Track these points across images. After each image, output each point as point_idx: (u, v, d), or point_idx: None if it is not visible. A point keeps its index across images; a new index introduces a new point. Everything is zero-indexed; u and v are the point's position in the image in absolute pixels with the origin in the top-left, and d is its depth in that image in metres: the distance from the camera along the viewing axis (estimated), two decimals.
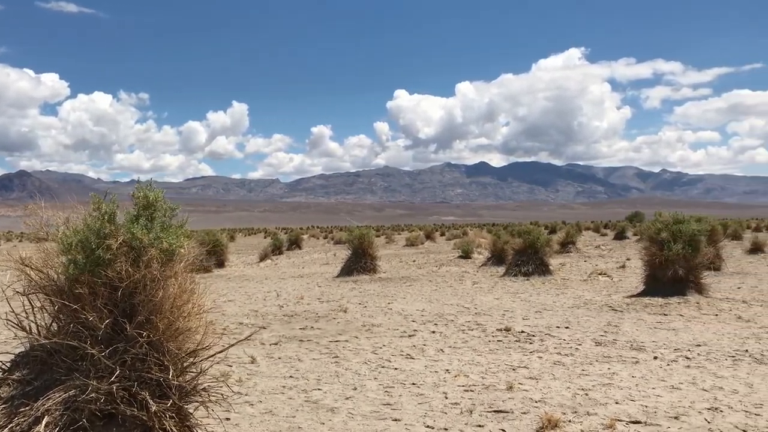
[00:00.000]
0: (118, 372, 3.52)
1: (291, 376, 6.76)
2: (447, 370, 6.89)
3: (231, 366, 7.17)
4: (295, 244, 39.35)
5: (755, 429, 4.84)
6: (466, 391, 6.02)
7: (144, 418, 3.53)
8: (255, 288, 16.29)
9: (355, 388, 6.20)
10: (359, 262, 18.89)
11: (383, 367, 7.12)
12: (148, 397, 3.55)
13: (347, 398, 5.87)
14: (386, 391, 6.07)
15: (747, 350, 7.66)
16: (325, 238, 60.97)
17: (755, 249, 25.11)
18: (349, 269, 18.84)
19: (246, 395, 6.00)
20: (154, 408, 3.54)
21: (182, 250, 3.81)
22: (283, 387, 6.32)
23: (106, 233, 3.72)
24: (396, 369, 7.00)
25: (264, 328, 9.95)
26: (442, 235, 58.90)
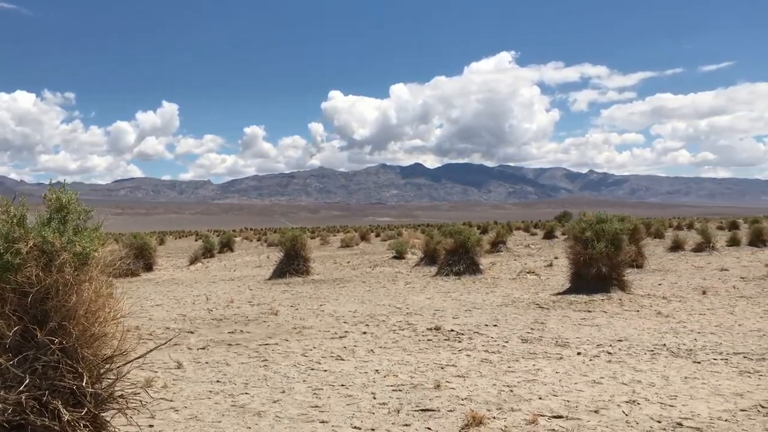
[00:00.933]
0: (27, 381, 3.38)
1: (218, 381, 6.65)
2: (377, 370, 6.91)
3: (156, 372, 7.01)
4: (227, 246, 38.75)
5: (669, 419, 5.03)
6: (395, 390, 6.04)
7: (56, 428, 3.40)
8: (184, 292, 15.96)
9: (284, 391, 6.15)
10: (292, 264, 18.74)
11: (313, 369, 7.08)
12: (60, 406, 3.42)
13: (275, 401, 5.81)
14: (315, 394, 6.04)
15: (665, 344, 7.96)
16: (258, 240, 60.25)
17: (676, 247, 26.14)
18: (281, 271, 18.67)
19: (171, 401, 5.86)
20: (66, 417, 3.42)
21: (97, 254, 3.69)
22: (210, 392, 6.21)
23: (15, 237, 3.57)
24: (326, 371, 6.98)
25: (191, 332, 9.76)
26: (378, 236, 59.06)
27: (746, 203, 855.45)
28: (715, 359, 7.09)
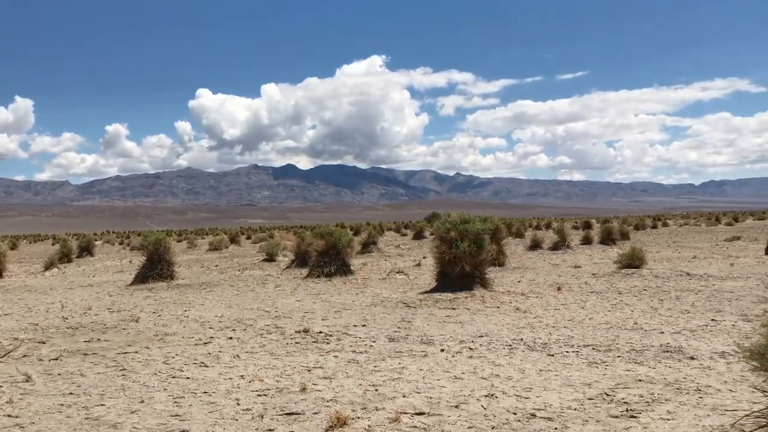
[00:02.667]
0: None
1: (71, 393, 6.26)
2: (242, 375, 6.77)
3: (1, 386, 6.51)
4: (86, 250, 36.72)
5: (524, 411, 5.27)
6: (260, 395, 5.95)
7: None
8: (37, 299, 14.94)
9: (143, 401, 5.89)
10: (155, 268, 18.02)
11: (174, 377, 6.83)
12: None
13: (132, 412, 5.55)
14: (176, 402, 5.83)
15: (522, 339, 8.36)
16: (120, 244, 57.53)
17: (535, 246, 27.57)
18: (144, 276, 17.90)
19: (17, 417, 5.46)
20: None
21: None
22: (61, 405, 5.83)
23: None
24: (188, 378, 6.75)
25: (43, 342, 9.14)
26: (248, 238, 58.04)
27: (598, 204, 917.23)
28: (567, 352, 7.52)
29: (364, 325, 9.78)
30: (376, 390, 6.00)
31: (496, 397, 5.70)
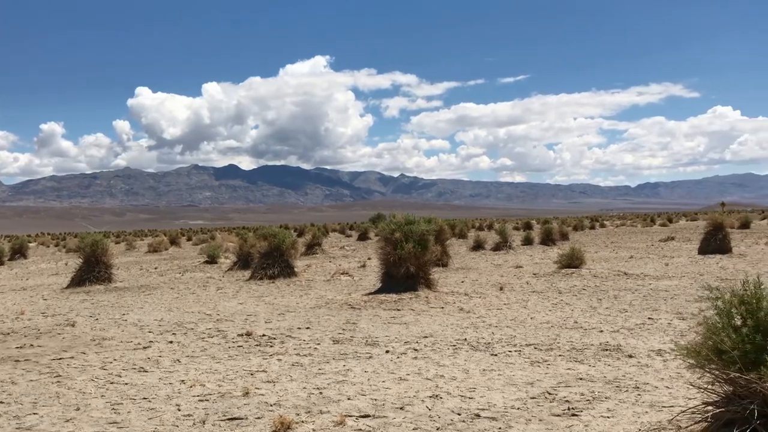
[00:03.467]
0: None
1: (1, 402, 6.00)
2: (183, 380, 6.61)
3: None
4: (19, 253, 35.43)
5: (468, 411, 5.30)
6: (201, 401, 5.82)
7: None
8: None
9: (78, 409, 5.69)
10: (93, 271, 17.49)
11: (112, 383, 6.63)
12: None
13: (68, 420, 5.36)
14: (114, 409, 5.65)
15: (466, 339, 8.42)
16: (56, 246, 55.76)
17: (477, 246, 27.90)
18: (80, 279, 17.35)
19: None
20: None
21: None
22: None
23: None
24: (126, 384, 6.56)
25: None
26: (189, 239, 57.00)
27: (539, 205, 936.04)
28: (509, 351, 7.61)
29: (308, 328, 9.70)
30: (321, 393, 5.95)
31: (441, 397, 5.71)
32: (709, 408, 4.16)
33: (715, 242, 21.74)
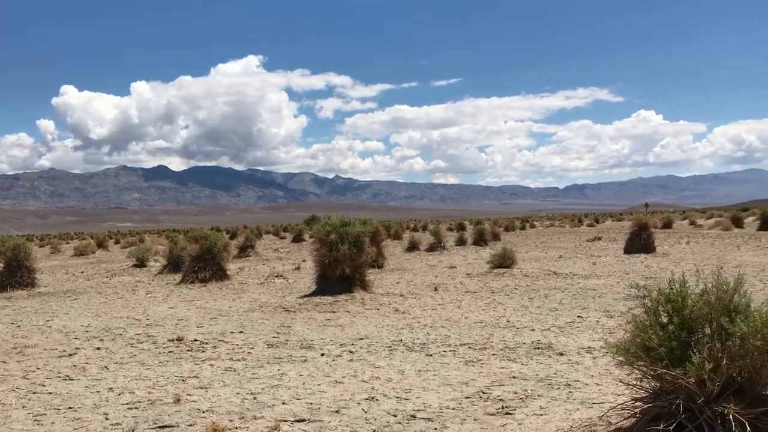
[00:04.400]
0: None
1: None
2: (110, 388, 6.38)
3: None
4: None
5: (404, 413, 5.30)
6: (130, 408, 5.63)
7: None
8: None
9: None
10: (14, 276, 16.75)
11: (35, 392, 6.34)
12: None
13: None
14: (36, 420, 5.40)
15: (401, 340, 8.44)
16: None
17: (412, 247, 28.09)
18: (1, 285, 16.60)
19: None
20: None
21: None
22: None
23: None
24: (51, 393, 6.29)
25: None
26: (117, 242, 55.38)
27: (471, 207, 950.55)
28: (444, 351, 7.67)
29: (241, 332, 9.53)
30: (255, 398, 5.84)
31: (377, 399, 5.70)
32: (638, 404, 4.28)
33: (639, 242, 22.51)
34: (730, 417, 3.74)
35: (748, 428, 3.70)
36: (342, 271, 13.07)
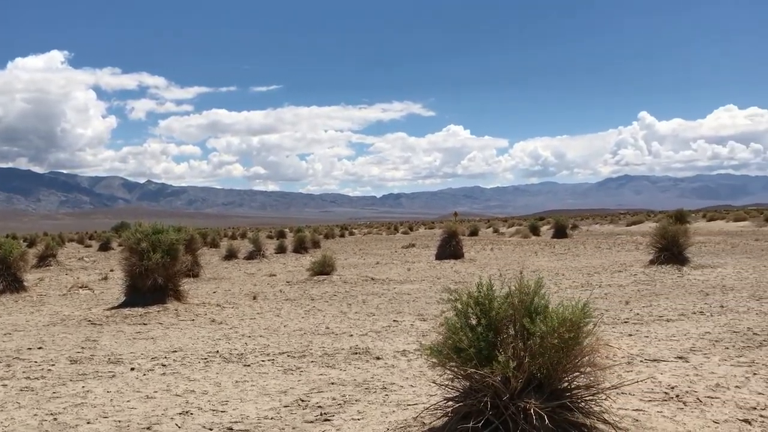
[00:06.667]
0: None
1: None
2: None
3: None
4: None
5: (220, 425, 5.15)
6: None
7: None
8: None
9: None
10: None
11: None
12: None
13: None
14: None
15: (218, 351, 8.20)
16: None
17: (230, 256, 27.48)
18: None
19: None
20: None
21: None
22: None
23: None
24: None
25: None
26: None
27: (292, 214, 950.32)
28: (263, 361, 7.56)
29: (40, 348, 8.75)
30: (55, 419, 5.39)
31: (192, 413, 5.48)
32: (450, 403, 4.50)
33: (449, 248, 23.74)
34: (531, 411, 4.04)
35: (547, 421, 4.02)
36: (154, 281, 12.45)
